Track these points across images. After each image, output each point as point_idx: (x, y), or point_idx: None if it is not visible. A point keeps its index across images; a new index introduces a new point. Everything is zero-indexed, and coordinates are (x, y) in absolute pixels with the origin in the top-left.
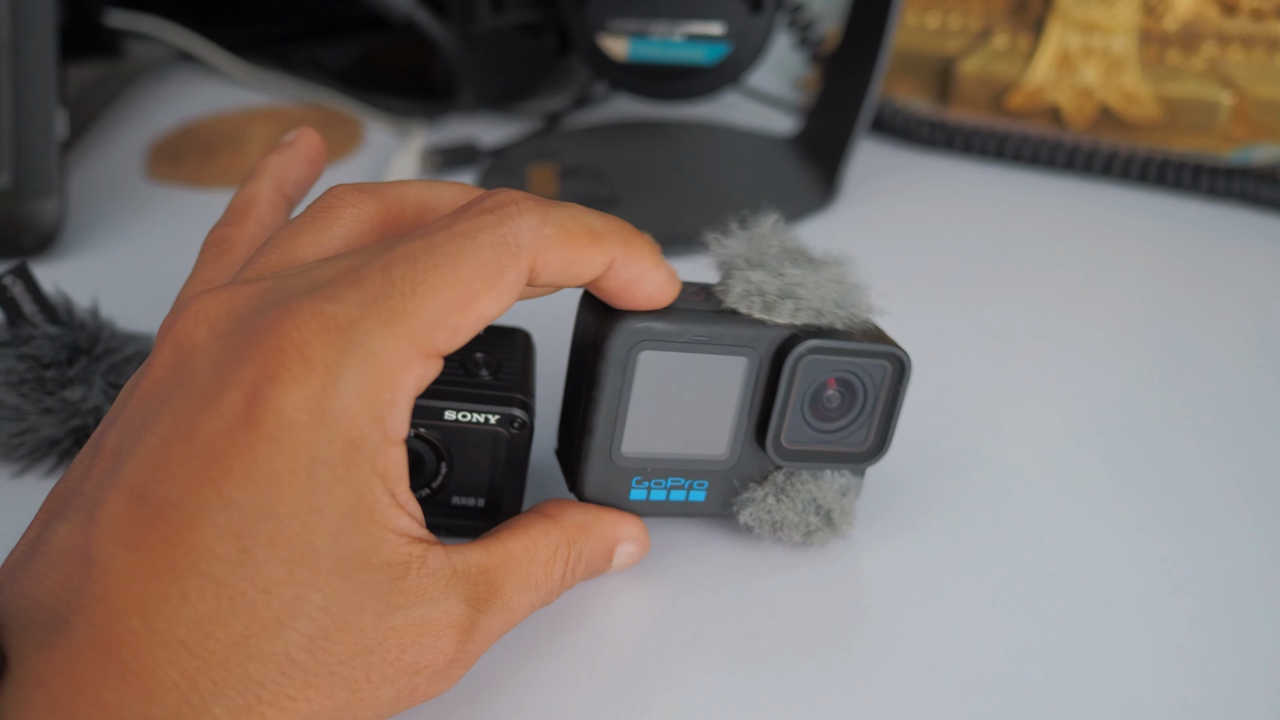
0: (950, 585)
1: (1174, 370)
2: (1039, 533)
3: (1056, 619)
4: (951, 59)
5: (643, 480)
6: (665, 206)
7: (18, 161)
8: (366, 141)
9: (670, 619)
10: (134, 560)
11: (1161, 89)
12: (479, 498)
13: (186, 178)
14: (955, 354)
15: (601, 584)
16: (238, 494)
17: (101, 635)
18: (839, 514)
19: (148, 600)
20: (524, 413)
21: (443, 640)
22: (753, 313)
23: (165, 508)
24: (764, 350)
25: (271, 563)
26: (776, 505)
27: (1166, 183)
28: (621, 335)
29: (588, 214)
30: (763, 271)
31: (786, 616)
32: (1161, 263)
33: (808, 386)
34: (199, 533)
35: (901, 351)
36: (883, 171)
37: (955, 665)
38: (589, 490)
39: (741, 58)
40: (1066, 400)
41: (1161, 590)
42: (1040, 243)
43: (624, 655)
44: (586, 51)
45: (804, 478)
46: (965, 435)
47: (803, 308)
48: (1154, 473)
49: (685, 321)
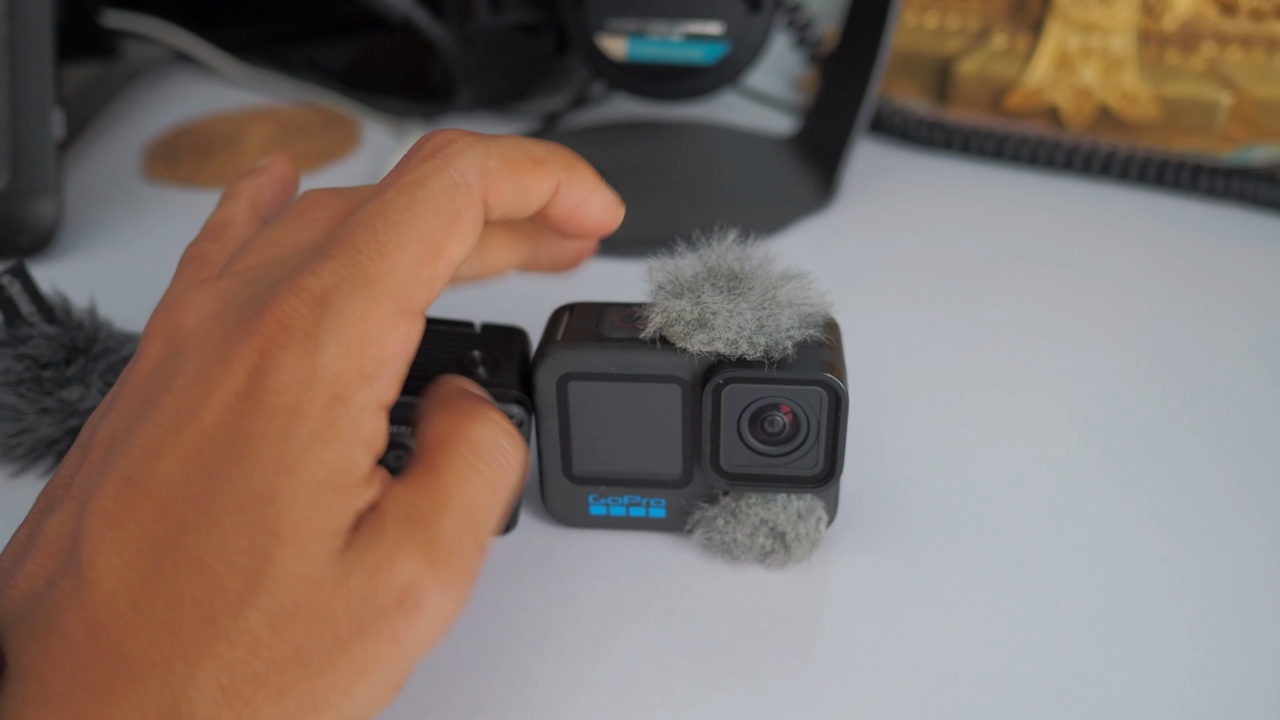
0: (950, 585)
1: (1173, 370)
2: (1039, 532)
3: (1057, 619)
4: (950, 59)
5: (599, 497)
6: (663, 207)
7: (14, 161)
8: (364, 142)
9: (656, 627)
10: (120, 539)
11: (1160, 89)
12: None
13: (184, 178)
14: (954, 353)
15: (603, 601)
16: (215, 459)
17: (92, 619)
18: (794, 537)
19: (133, 579)
20: (522, 409)
21: (402, 575)
22: (674, 341)
23: (153, 485)
24: (689, 378)
25: (235, 530)
26: (725, 526)
27: (1165, 183)
28: (546, 370)
29: (527, 141)
30: (683, 299)
31: (783, 622)
32: (1160, 263)
33: (737, 413)
34: (178, 504)
35: (833, 380)
36: (881, 172)
37: (956, 666)
38: (551, 506)
39: (740, 57)
40: (1066, 400)
41: (1163, 590)
42: (1039, 243)
43: (621, 667)
44: (585, 51)
45: (753, 500)
46: (964, 435)
47: (716, 338)
48: (1154, 472)
49: (608, 352)
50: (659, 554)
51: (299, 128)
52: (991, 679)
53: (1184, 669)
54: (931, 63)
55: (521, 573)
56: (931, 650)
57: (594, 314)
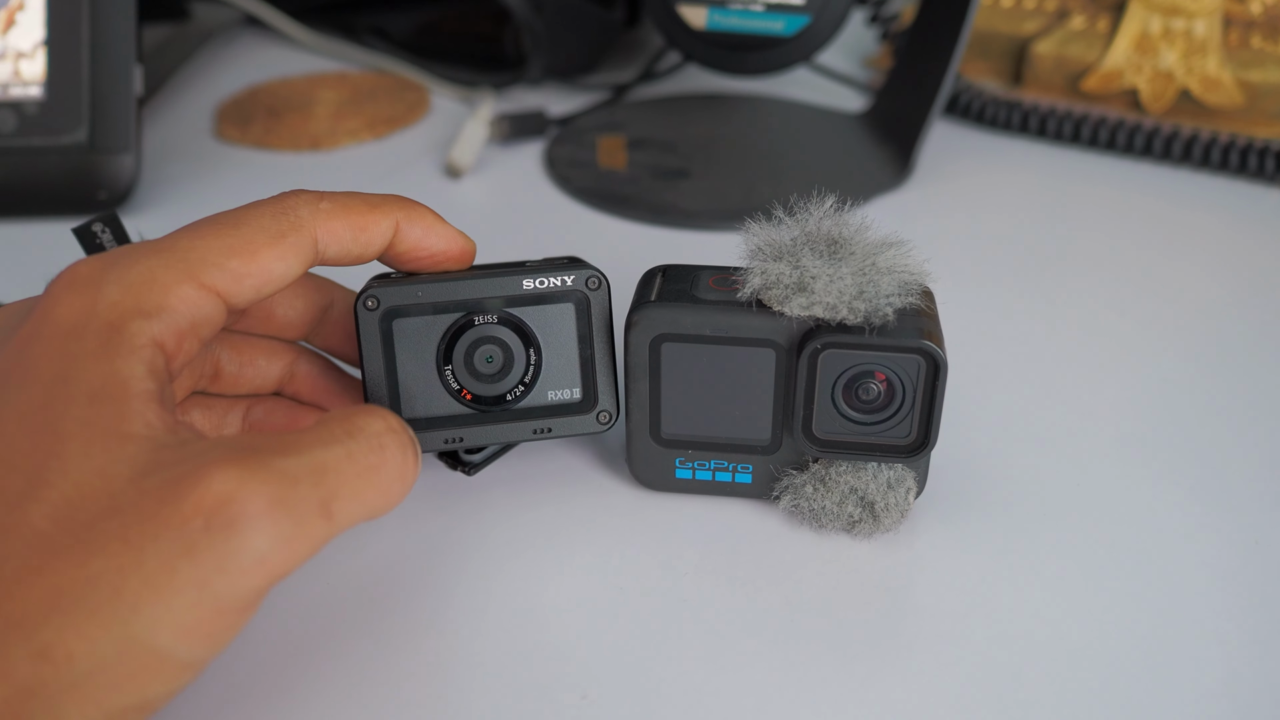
0: (1037, 559)
1: (1257, 356)
2: (1122, 511)
3: (1143, 595)
4: (1026, 39)
5: (686, 461)
6: (737, 180)
7: (95, 117)
8: (433, 108)
9: (726, 601)
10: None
11: (1244, 74)
12: (573, 388)
13: (254, 140)
14: (1031, 334)
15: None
16: (3, 386)
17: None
18: (883, 506)
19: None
20: (598, 273)
21: (213, 482)
22: (771, 305)
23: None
24: (785, 342)
25: (19, 435)
26: (814, 494)
27: (1248, 170)
28: (640, 330)
29: (363, 193)
30: (782, 263)
31: (871, 591)
32: (1242, 251)
33: (832, 379)
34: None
35: (932, 348)
36: (954, 152)
37: (1046, 639)
38: (636, 468)
39: (821, 30)
40: (1145, 383)
41: (1254, 570)
42: (1116, 227)
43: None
44: (663, 20)
45: (843, 468)
46: (1044, 413)
47: (816, 301)
48: (1241, 456)
49: (704, 314)
50: (744, 520)
51: (368, 93)
52: (1080, 653)
53: (1271, 648)
54: (1007, 42)
55: (606, 536)
56: (1021, 623)
57: (688, 276)
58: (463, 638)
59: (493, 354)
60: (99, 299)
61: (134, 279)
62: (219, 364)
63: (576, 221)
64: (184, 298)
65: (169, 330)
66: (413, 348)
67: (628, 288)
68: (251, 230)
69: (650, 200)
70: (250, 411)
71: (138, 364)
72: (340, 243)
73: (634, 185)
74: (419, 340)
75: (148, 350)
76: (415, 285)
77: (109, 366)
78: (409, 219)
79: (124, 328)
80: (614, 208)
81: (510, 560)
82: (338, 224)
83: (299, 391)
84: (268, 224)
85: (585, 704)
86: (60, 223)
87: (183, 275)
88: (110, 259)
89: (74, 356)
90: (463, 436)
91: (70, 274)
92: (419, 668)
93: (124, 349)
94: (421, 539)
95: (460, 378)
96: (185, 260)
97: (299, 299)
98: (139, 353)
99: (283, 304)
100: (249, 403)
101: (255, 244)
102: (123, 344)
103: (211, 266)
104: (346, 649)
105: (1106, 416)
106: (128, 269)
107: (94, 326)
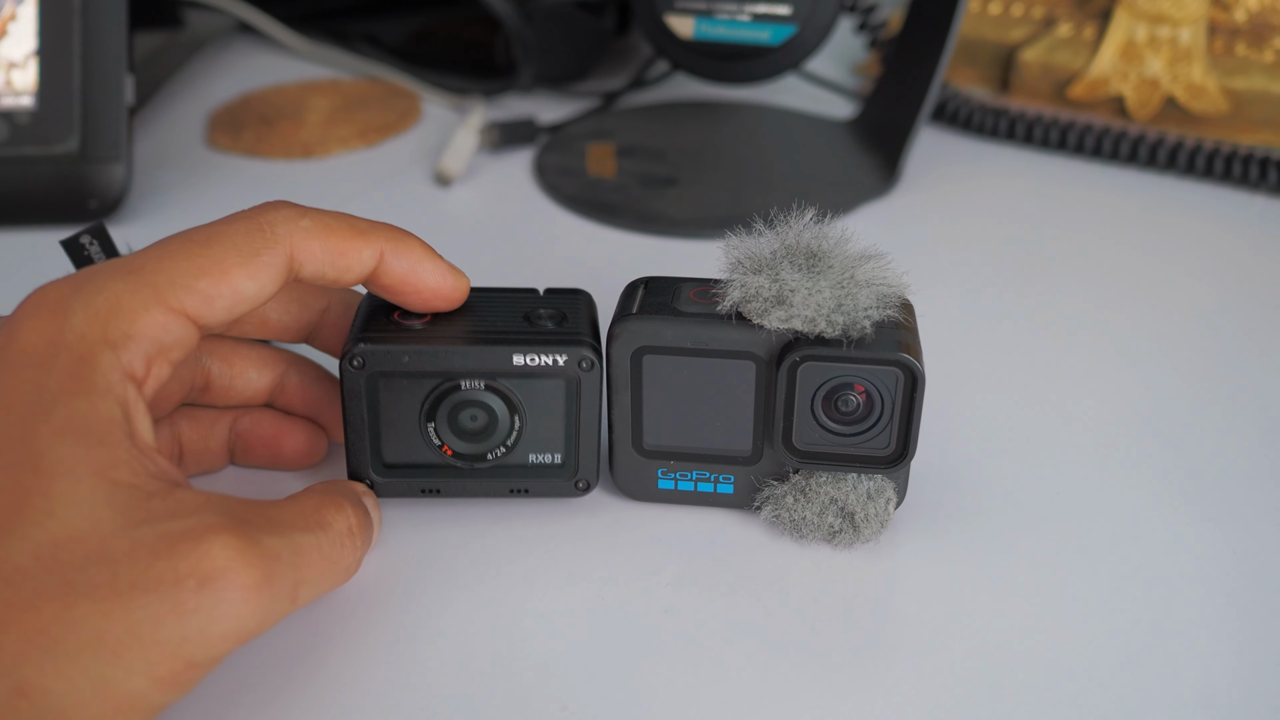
0: (1017, 569)
1: (1238, 363)
2: (1103, 519)
3: (1123, 604)
4: (1013, 47)
5: (668, 472)
6: (725, 188)
7: (86, 127)
8: (425, 116)
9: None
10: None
11: (1228, 82)
12: (555, 453)
13: (246, 148)
14: (1015, 341)
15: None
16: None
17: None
18: (864, 517)
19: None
20: (593, 354)
21: (211, 548)
22: (751, 317)
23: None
24: (765, 355)
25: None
26: (795, 505)
27: (1233, 177)
28: (621, 342)
29: (353, 216)
30: (761, 276)
31: (851, 601)
32: (1226, 256)
33: (812, 391)
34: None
35: (910, 360)
36: (941, 159)
37: (1025, 649)
38: (619, 479)
39: (808, 39)
40: (1128, 390)
41: (1233, 581)
42: (1101, 234)
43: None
44: (651, 29)
45: (824, 479)
46: (1026, 421)
47: (794, 315)
48: (1220, 465)
49: (685, 326)
50: (726, 530)
51: (360, 101)
52: (1060, 662)
53: (1250, 657)
54: (994, 50)
55: (588, 546)
56: (1000, 633)
57: (670, 288)
58: (444, 649)
59: (477, 414)
60: (65, 327)
61: (100, 305)
62: (209, 375)
63: (565, 230)
64: (151, 323)
65: (138, 358)
66: (396, 404)
67: (613, 297)
68: (222, 249)
69: (638, 208)
70: (237, 422)
71: (114, 403)
72: (316, 264)
73: (622, 193)
74: (403, 397)
75: (119, 386)
76: (402, 349)
77: (87, 404)
78: (396, 251)
79: (93, 361)
80: (602, 216)
81: (492, 571)
82: (315, 245)
83: (290, 403)
84: (240, 241)
85: (566, 715)
86: (51, 232)
87: (150, 300)
88: (77, 282)
89: (45, 389)
90: (440, 488)
91: (37, 298)
92: (400, 680)
93: (99, 385)
94: (403, 550)
95: (442, 434)
96: (153, 284)
97: (293, 304)
98: (114, 390)
99: (277, 309)
100: (236, 414)
101: (225, 263)
102: (96, 380)
103: (180, 288)
104: (327, 662)
105: (1088, 424)
106: (94, 295)
107: (62, 358)
